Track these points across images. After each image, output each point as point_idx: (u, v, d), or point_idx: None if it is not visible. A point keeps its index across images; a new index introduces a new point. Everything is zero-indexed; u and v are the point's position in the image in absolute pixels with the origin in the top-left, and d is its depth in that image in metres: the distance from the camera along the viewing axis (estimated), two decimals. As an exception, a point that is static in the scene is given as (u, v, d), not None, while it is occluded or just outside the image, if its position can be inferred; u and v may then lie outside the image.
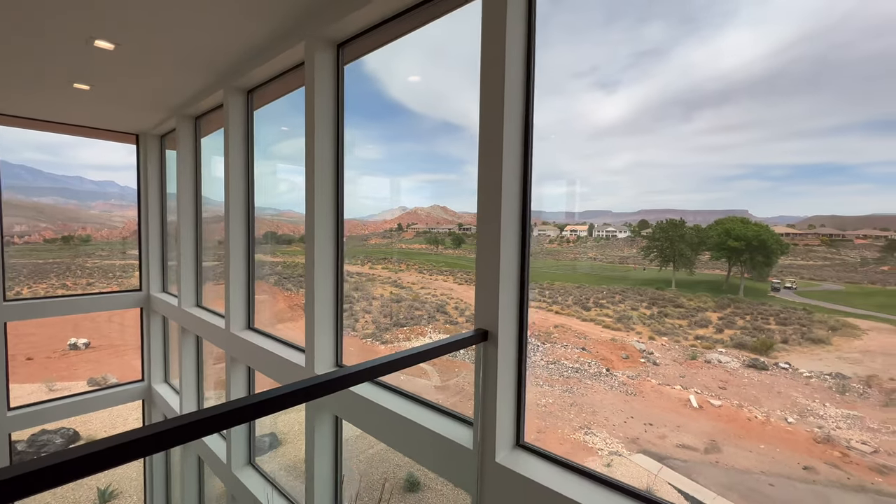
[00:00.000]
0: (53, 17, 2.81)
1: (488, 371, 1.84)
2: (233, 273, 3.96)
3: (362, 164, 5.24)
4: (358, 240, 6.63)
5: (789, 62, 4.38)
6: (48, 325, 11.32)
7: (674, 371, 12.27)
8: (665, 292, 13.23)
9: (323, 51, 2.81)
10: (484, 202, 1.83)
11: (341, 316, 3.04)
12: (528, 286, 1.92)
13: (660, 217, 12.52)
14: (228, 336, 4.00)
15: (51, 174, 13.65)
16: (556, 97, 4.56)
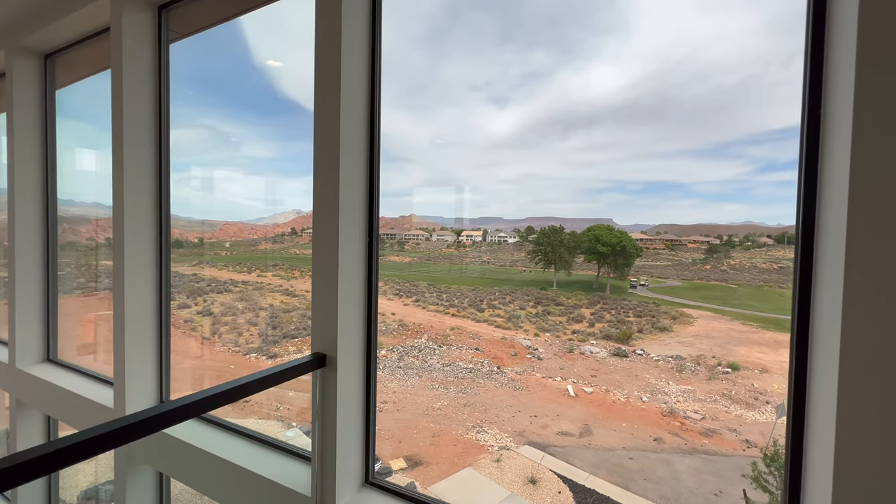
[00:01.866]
0: None
1: (327, 401, 1.55)
2: (19, 287, 3.02)
3: (251, 163, 4.51)
4: (245, 245, 5.97)
5: (642, 94, 4.93)
6: None
7: (555, 364, 13.48)
8: (548, 292, 14.48)
9: (134, 10, 2.25)
10: (319, 214, 1.55)
11: (167, 335, 2.47)
12: (377, 304, 1.69)
13: (544, 224, 13.61)
14: (14, 373, 3.04)
15: None
16: (454, 108, 4.66)
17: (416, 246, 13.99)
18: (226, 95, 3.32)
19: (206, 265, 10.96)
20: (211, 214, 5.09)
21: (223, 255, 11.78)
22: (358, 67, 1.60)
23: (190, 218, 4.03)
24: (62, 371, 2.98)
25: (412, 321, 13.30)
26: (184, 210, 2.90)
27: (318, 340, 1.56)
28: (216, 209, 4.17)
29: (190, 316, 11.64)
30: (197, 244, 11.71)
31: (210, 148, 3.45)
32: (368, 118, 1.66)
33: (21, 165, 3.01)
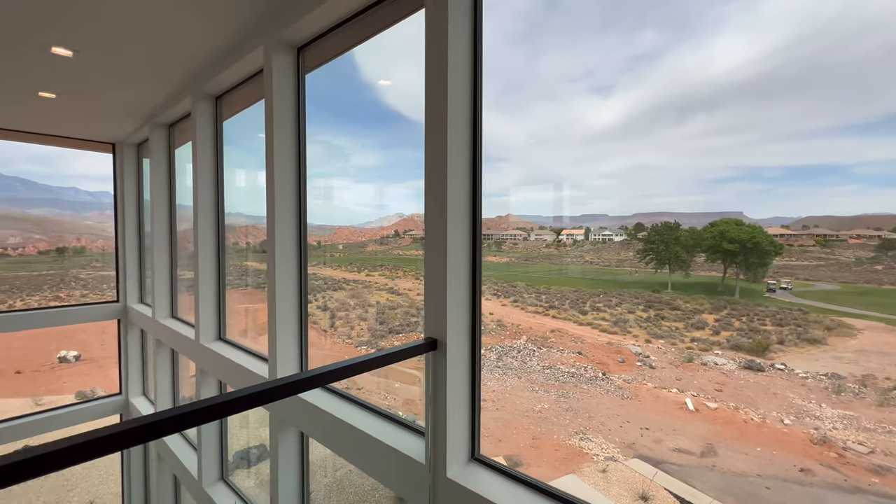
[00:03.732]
0: (4, 21, 2.75)
1: (438, 381, 1.75)
2: (202, 282, 3.87)
3: (359, 172, 5.06)
4: (355, 247, 6.53)
5: (779, 66, 4.30)
6: (37, 339, 11.22)
7: (670, 374, 12.21)
8: (661, 295, 13.08)
9: (282, 54, 2.75)
10: (430, 211, 1.76)
11: (305, 323, 2.95)
12: (481, 295, 1.84)
13: (655, 220, 12.28)
14: (198, 347, 3.90)
15: (45, 185, 13.51)
16: (551, 103, 4.50)
17: (514, 246, 13.73)
18: (337, 112, 3.82)
19: (324, 265, 12.43)
20: (327, 220, 5.86)
21: (337, 256, 12.97)
22: (462, 76, 1.75)
23: (312, 223, 4.76)
24: (229, 347, 3.74)
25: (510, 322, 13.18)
26: (309, 217, 3.48)
27: (429, 326, 1.76)
28: (332, 215, 4.84)
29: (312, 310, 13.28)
30: (316, 247, 13.07)
31: (326, 160, 4.01)
32: (471, 124, 1.81)
33: (201, 185, 3.85)
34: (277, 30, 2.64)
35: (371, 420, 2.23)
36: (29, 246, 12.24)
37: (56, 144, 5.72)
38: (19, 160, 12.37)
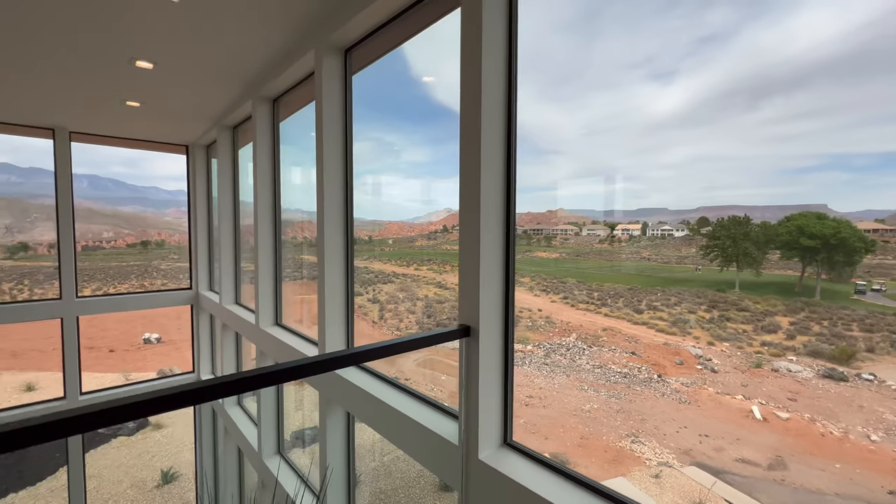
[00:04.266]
0: (97, 38, 3.12)
1: (471, 367, 1.79)
2: (261, 272, 4.18)
3: (409, 168, 5.23)
4: (404, 242, 6.72)
5: (874, 38, 3.83)
6: (126, 322, 12.56)
7: (735, 379, 11.30)
8: (727, 294, 12.19)
9: (331, 57, 2.89)
10: (464, 205, 1.80)
11: (352, 311, 3.12)
12: (514, 285, 1.85)
13: (721, 214, 11.56)
14: (258, 331, 4.23)
15: (132, 185, 14.98)
16: (607, 92, 4.31)
17: (565, 241, 13.30)
18: (388, 110, 3.95)
19: (374, 259, 12.91)
20: (378, 215, 6.12)
21: (387, 250, 13.23)
22: (496, 74, 1.77)
23: (363, 219, 5.00)
24: (284, 332, 4.02)
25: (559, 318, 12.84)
26: (358, 212, 3.64)
27: (463, 313, 1.80)
28: (381, 210, 5.06)
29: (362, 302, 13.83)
30: (367, 241, 13.41)
31: (377, 157, 4.19)
32: (505, 120, 1.82)
33: (260, 183, 4.14)
34: (327, 33, 2.78)
35: (410, 403, 2.32)
36: (119, 240, 13.66)
37: (140, 148, 6.42)
38: (111, 163, 14.03)
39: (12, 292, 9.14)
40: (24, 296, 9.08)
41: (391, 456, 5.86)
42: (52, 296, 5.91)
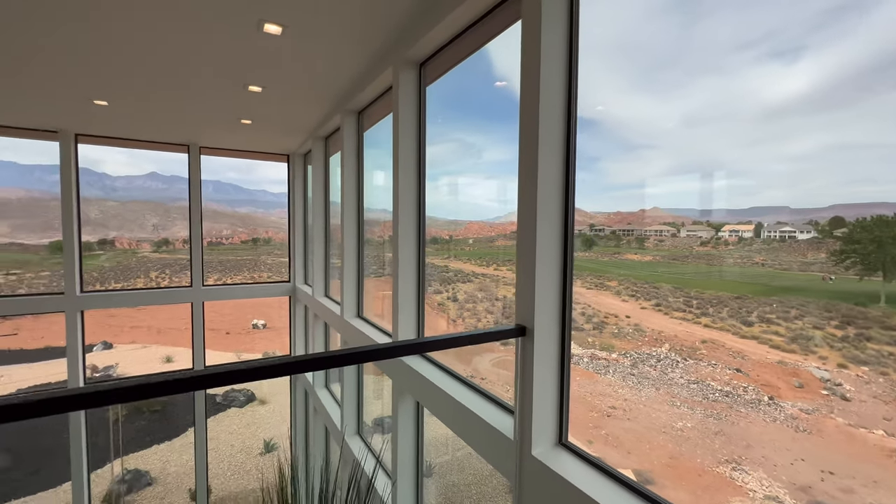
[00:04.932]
0: (219, 68, 3.74)
1: (525, 366, 1.87)
2: (346, 268, 4.63)
3: (490, 168, 5.36)
4: (484, 241, 6.79)
5: None
6: (239, 308, 14.41)
7: (874, 410, 9.71)
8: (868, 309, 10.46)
9: (406, 71, 3.14)
10: (522, 207, 1.88)
11: (422, 306, 3.34)
12: (572, 286, 1.88)
13: (862, 213, 9.93)
14: (342, 322, 4.69)
15: (246, 189, 16.99)
16: (713, 76, 3.91)
17: (660, 243, 12.25)
18: (471, 110, 4.07)
19: (454, 259, 13.31)
20: (458, 215, 6.31)
21: (467, 250, 13.46)
22: (554, 79, 1.82)
23: (445, 218, 5.24)
24: (365, 323, 4.41)
25: (650, 327, 11.95)
26: (439, 212, 3.82)
27: (519, 313, 1.89)
28: (462, 210, 5.19)
29: (442, 300, 14.37)
30: (448, 241, 13.82)
31: (459, 157, 4.33)
32: (564, 125, 1.86)
33: (347, 188, 4.58)
34: (403, 51, 3.03)
35: (471, 396, 2.45)
36: (235, 237, 15.52)
37: (250, 158, 7.44)
38: (229, 170, 16.29)
39: (157, 279, 11.00)
40: (166, 283, 10.88)
41: (463, 452, 6.05)
42: (185, 284, 7.11)
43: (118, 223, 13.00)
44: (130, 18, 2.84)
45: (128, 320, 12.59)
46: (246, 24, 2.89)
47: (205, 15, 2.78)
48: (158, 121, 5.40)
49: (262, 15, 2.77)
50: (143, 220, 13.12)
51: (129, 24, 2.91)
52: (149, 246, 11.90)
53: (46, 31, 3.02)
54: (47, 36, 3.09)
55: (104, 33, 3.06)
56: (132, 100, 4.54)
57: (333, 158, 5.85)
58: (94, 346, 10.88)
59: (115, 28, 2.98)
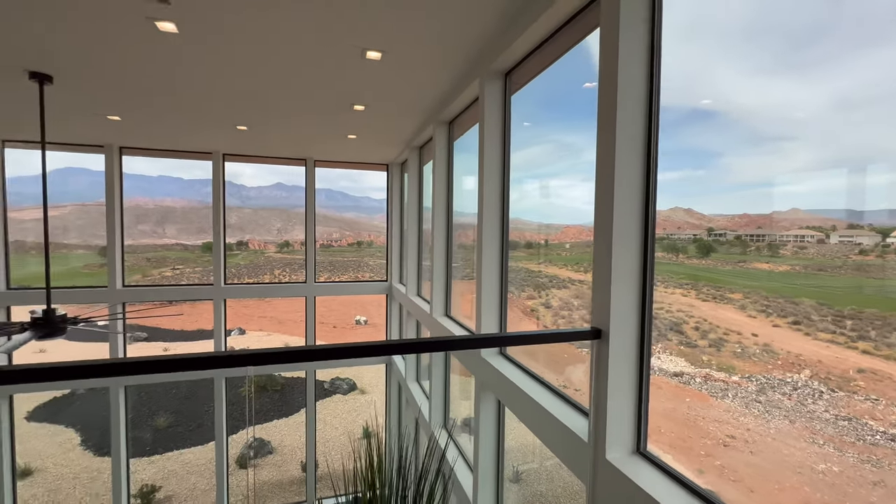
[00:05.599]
0: (331, 92, 4.28)
1: (600, 370, 1.86)
2: (436, 269, 4.91)
3: (590, 168, 5.17)
4: (582, 246, 6.56)
5: None
6: (345, 305, 15.84)
7: None
8: None
9: (492, 82, 3.28)
10: (599, 210, 1.88)
11: (505, 306, 3.43)
12: (652, 291, 1.83)
13: None
14: (432, 320, 4.97)
15: (352, 196, 18.62)
16: (870, 49, 3.30)
17: (801, 250, 10.44)
18: (568, 110, 3.89)
19: (548, 264, 12.98)
20: (554, 218, 6.12)
21: (563, 255, 13.07)
22: (634, 82, 1.79)
23: (538, 222, 5.11)
24: (452, 322, 4.62)
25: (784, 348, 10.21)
26: (533, 216, 3.74)
27: (595, 316, 1.88)
28: (558, 213, 4.97)
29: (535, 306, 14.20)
30: (543, 245, 13.64)
31: (556, 159, 4.17)
32: (645, 130, 1.82)
33: (437, 193, 4.86)
34: (488, 63, 3.17)
35: (549, 397, 2.47)
36: (343, 240, 17.03)
37: (355, 168, 8.26)
38: (338, 179, 18.08)
39: (280, 276, 12.64)
40: (286, 279, 12.44)
41: (553, 462, 5.92)
42: (301, 280, 8.13)
43: (251, 227, 15.17)
44: (267, 62, 3.44)
45: (257, 310, 14.69)
46: (352, 54, 3.31)
47: (321, 51, 3.25)
48: (282, 140, 6.31)
49: (366, 44, 3.14)
50: (269, 225, 15.05)
51: (266, 66, 3.53)
52: (273, 247, 13.66)
53: (211, 78, 3.80)
54: (212, 81, 3.88)
55: (250, 77, 3.76)
56: (264, 124, 5.41)
57: (427, 166, 6.22)
58: (232, 331, 12.97)
59: (259, 71, 3.66)
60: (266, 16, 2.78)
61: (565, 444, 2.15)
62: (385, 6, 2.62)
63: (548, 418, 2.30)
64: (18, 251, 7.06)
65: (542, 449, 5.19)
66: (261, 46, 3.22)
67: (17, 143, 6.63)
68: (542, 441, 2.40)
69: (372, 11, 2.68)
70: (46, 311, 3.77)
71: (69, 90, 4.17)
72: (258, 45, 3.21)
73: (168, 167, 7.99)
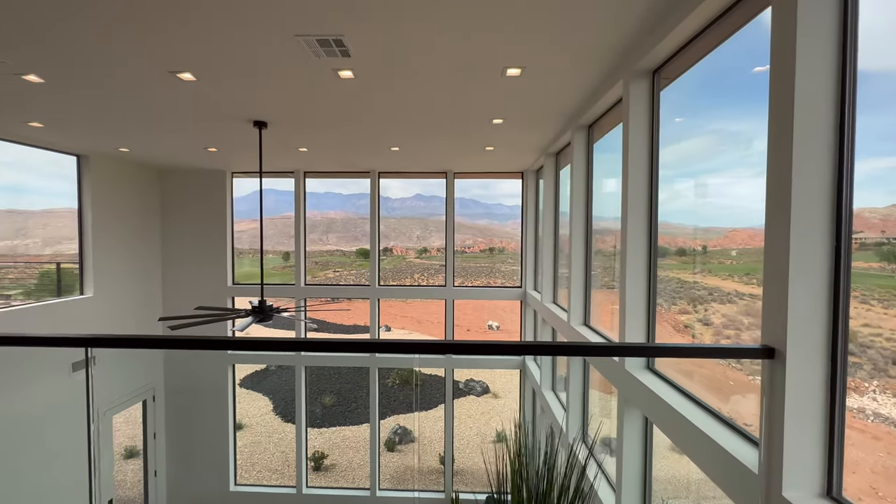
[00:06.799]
0: (469, 111, 4.62)
1: (774, 395, 1.64)
2: (573, 276, 4.82)
3: (763, 160, 4.47)
4: (753, 253, 5.75)
5: None
6: (478, 310, 16.45)
7: None
8: None
9: (637, 82, 3.14)
10: (770, 207, 1.67)
11: (652, 316, 3.21)
12: (848, 305, 1.55)
13: None
14: (569, 328, 4.89)
15: (484, 203, 19.37)
16: None
17: None
18: (729, 97, 3.17)
19: (708, 274, 11.26)
20: (716, 221, 5.24)
21: (728, 263, 11.43)
22: (819, 70, 1.56)
23: (693, 226, 4.44)
24: (591, 332, 4.47)
25: None
26: (688, 218, 3.23)
27: (766, 334, 1.67)
28: (721, 215, 4.14)
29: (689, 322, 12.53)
30: (701, 252, 12.19)
31: (717, 152, 3.49)
32: (836, 100, 1.56)
33: (575, 199, 4.79)
34: (633, 62, 3.04)
35: (705, 418, 2.25)
36: (475, 246, 17.72)
37: (491, 178, 8.60)
38: (471, 187, 18.94)
39: (418, 280, 13.78)
40: (425, 282, 13.48)
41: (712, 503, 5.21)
42: (438, 284, 8.78)
43: (394, 235, 16.92)
44: (419, 94, 3.93)
45: (399, 311, 16.28)
46: (493, 74, 3.55)
47: (465, 77, 3.58)
48: (426, 156, 6.98)
49: (506, 63, 3.34)
50: (410, 233, 16.55)
51: (418, 97, 4.04)
52: (413, 253, 14.97)
53: (375, 110, 4.50)
54: (375, 112, 4.58)
55: (404, 106, 4.34)
56: (412, 144, 6.09)
57: (563, 171, 6.15)
58: (380, 327, 14.65)
59: (412, 101, 4.21)
60: (423, 60, 3.21)
61: (727, 472, 1.94)
62: (526, 28, 2.76)
63: (705, 443, 2.10)
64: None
65: (703, 484, 4.64)
66: (416, 82, 3.71)
67: (240, 174, 8.75)
68: (696, 464, 2.20)
69: (513, 34, 2.86)
70: (261, 302, 4.92)
71: (277, 132, 5.39)
72: (414, 81, 3.70)
73: (331, 184, 9.60)
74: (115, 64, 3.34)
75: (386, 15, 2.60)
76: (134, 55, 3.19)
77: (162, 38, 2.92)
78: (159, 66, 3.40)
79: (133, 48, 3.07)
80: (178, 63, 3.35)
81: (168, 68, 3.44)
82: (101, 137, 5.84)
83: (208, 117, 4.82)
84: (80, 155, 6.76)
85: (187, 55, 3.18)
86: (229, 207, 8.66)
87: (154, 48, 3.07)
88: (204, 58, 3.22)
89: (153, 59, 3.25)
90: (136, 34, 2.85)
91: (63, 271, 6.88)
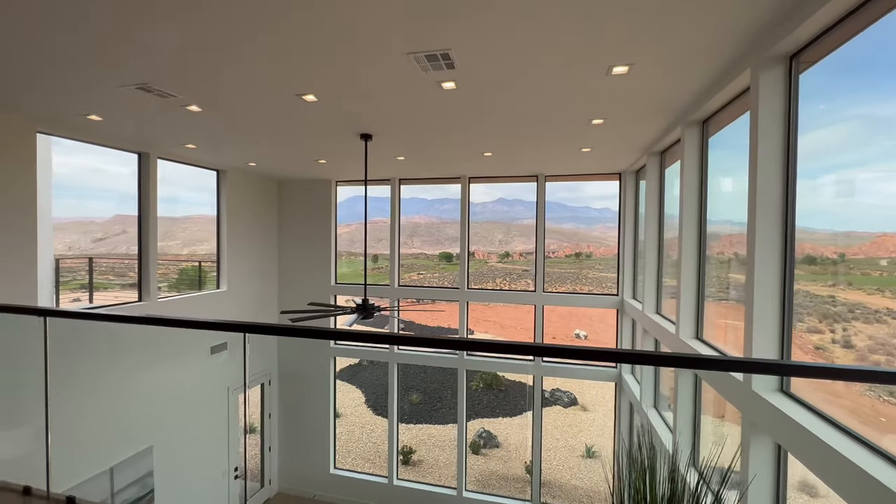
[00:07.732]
0: (568, 115, 4.50)
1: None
2: (684, 286, 4.42)
3: None
4: None
5: None
6: (564, 317, 15.89)
7: None
8: None
9: (769, 69, 2.80)
10: None
11: (788, 336, 2.82)
12: None
13: None
14: (677, 341, 4.49)
15: (570, 206, 18.82)
16: None
17: None
18: (884, 75, 2.40)
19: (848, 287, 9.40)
20: (858, 224, 4.25)
21: (875, 275, 9.52)
22: None
23: (827, 230, 3.70)
24: (704, 346, 4.06)
25: None
26: (820, 221, 2.67)
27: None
28: (867, 217, 3.29)
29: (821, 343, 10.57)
30: (838, 260, 10.43)
31: (861, 143, 2.78)
32: None
33: (686, 202, 4.40)
34: (764, 50, 2.72)
35: (861, 451, 1.91)
36: (560, 251, 17.23)
37: (585, 180, 8.26)
38: (558, 191, 18.38)
39: (500, 285, 13.70)
40: (507, 288, 13.41)
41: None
42: (522, 289, 8.64)
43: (476, 239, 17.08)
44: (516, 100, 3.94)
45: (482, 315, 16.34)
46: (597, 73, 3.42)
47: (566, 78, 3.49)
48: (518, 160, 6.95)
49: (613, 62, 3.21)
50: (492, 237, 16.57)
51: (515, 103, 4.05)
52: (495, 257, 14.95)
53: (472, 117, 4.62)
54: (472, 119, 4.71)
55: (500, 113, 4.37)
56: (505, 148, 6.10)
57: (669, 170, 5.69)
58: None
59: (508, 107, 4.21)
60: (525, 66, 3.22)
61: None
62: (640, 21, 2.62)
63: (867, 482, 1.79)
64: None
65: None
66: (516, 87, 3.73)
67: (343, 182, 9.55)
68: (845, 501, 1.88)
69: (624, 30, 2.73)
70: (364, 301, 5.32)
71: (380, 142, 5.79)
72: (514, 87, 3.72)
73: (416, 190, 10.00)
74: (258, 94, 3.92)
75: (493, 25, 2.66)
76: (271, 84, 3.70)
77: (294, 68, 3.34)
78: (289, 91, 3.88)
79: (269, 79, 3.57)
80: (304, 86, 3.79)
81: (296, 92, 3.91)
82: (238, 154, 6.82)
83: (322, 132, 5.36)
84: (220, 169, 7.94)
85: (311, 79, 3.59)
86: (333, 213, 9.49)
87: (285, 76, 3.52)
88: (325, 80, 3.61)
89: (285, 85, 3.73)
90: (271, 68, 3.34)
91: (197, 269, 8.14)
